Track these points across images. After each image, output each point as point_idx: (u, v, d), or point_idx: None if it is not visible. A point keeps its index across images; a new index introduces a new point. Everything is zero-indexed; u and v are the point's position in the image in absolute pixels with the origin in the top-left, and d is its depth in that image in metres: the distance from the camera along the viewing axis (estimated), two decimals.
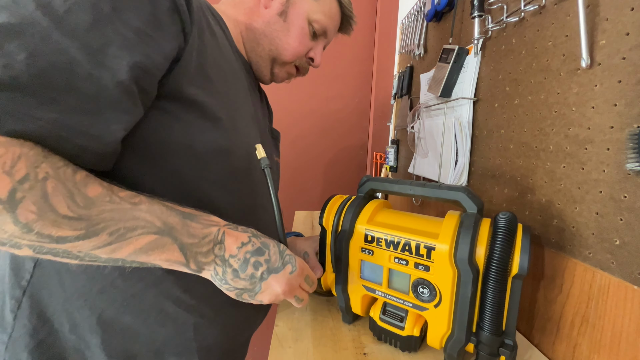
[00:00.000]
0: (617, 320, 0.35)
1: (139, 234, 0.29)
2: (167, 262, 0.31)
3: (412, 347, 0.43)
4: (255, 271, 0.34)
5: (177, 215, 0.32)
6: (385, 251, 0.43)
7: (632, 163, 0.33)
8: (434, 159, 0.77)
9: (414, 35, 0.96)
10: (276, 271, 0.36)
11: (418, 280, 0.40)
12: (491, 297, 0.36)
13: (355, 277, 0.46)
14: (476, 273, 0.36)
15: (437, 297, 0.39)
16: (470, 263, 0.36)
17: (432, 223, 0.43)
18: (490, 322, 0.36)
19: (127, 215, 0.28)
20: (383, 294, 0.45)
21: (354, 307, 0.48)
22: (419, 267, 0.40)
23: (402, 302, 0.43)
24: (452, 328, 0.39)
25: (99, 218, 0.27)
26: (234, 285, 0.34)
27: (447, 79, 0.67)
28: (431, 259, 0.39)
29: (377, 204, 0.48)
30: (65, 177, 0.26)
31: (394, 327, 0.43)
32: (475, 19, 0.59)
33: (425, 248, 0.39)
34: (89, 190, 0.27)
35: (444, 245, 0.38)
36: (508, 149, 0.53)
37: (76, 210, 0.26)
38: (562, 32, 0.43)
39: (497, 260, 0.35)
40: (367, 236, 0.44)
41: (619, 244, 0.35)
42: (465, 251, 0.36)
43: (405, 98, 1.01)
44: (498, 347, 0.37)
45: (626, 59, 0.34)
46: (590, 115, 0.39)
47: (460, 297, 0.37)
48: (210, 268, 0.34)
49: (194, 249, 0.32)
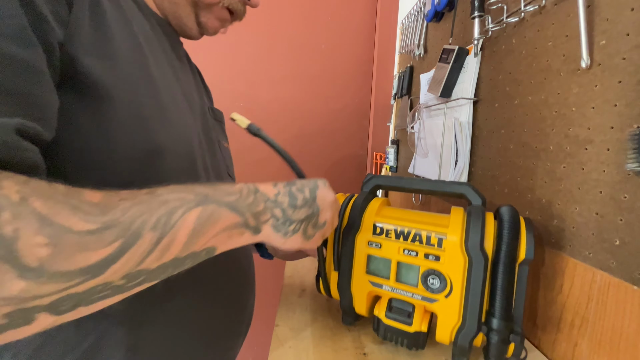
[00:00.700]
0: (617, 320, 0.35)
1: (182, 212, 0.23)
2: (225, 232, 0.26)
3: (420, 343, 0.42)
4: (303, 194, 0.33)
5: (199, 185, 0.26)
6: (394, 243, 0.43)
7: (632, 163, 0.33)
8: (434, 159, 0.77)
9: (414, 36, 0.96)
10: (316, 187, 0.35)
11: (428, 271, 0.41)
12: (500, 283, 0.38)
13: (361, 272, 0.46)
14: (487, 260, 0.38)
15: (448, 287, 0.40)
16: (481, 250, 0.38)
17: (438, 217, 0.44)
18: (501, 307, 0.37)
19: (155, 203, 0.22)
20: (390, 289, 0.44)
21: (357, 305, 0.47)
22: (430, 257, 0.41)
23: (411, 295, 0.43)
24: (462, 318, 0.39)
25: (129, 217, 0.21)
26: (298, 217, 0.32)
27: (447, 79, 0.67)
28: (442, 248, 0.40)
29: (380, 202, 0.49)
30: (46, 192, 0.18)
31: (401, 323, 0.43)
32: (475, 19, 0.59)
33: (437, 237, 0.40)
34: (87, 196, 0.20)
35: (455, 234, 0.39)
36: (508, 149, 0.53)
37: (95, 219, 0.19)
38: (562, 32, 0.43)
39: (507, 245, 0.38)
40: (376, 228, 0.44)
41: (619, 244, 0.35)
42: (477, 238, 0.38)
43: (405, 98, 1.01)
44: (509, 334, 0.38)
45: (626, 59, 0.34)
46: (590, 116, 0.39)
47: (472, 284, 0.38)
48: (267, 215, 0.30)
49: (241, 203, 0.28)
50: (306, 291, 0.60)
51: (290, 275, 0.67)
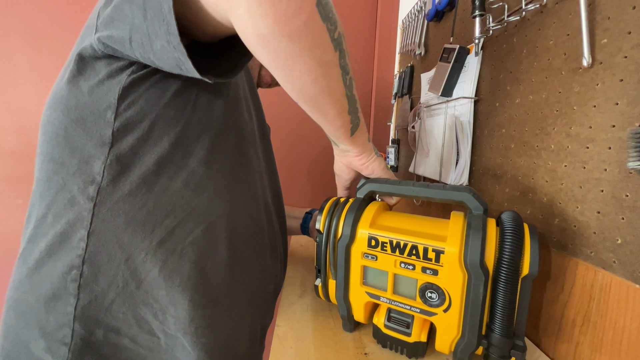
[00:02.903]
0: (618, 319, 0.35)
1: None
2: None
3: (420, 353, 0.42)
4: None
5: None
6: (390, 256, 0.41)
7: (634, 162, 0.33)
8: (435, 159, 0.76)
9: (414, 35, 0.96)
10: None
11: (426, 284, 0.39)
12: (502, 299, 0.35)
13: (358, 284, 0.44)
14: (487, 275, 0.36)
15: (447, 302, 0.38)
16: (481, 266, 0.35)
17: (437, 225, 0.42)
18: (501, 324, 0.36)
19: None
20: (388, 301, 0.43)
21: (356, 315, 0.47)
22: (427, 271, 0.39)
23: (409, 307, 0.42)
24: (462, 332, 0.38)
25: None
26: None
27: (448, 79, 0.67)
28: (440, 262, 0.38)
29: (377, 206, 0.47)
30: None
31: (400, 333, 0.42)
32: (476, 18, 0.59)
33: (434, 252, 0.38)
34: None
35: (453, 248, 0.37)
36: (509, 148, 0.53)
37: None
38: (564, 31, 0.43)
39: (508, 262, 0.35)
40: (371, 240, 0.42)
41: (621, 243, 0.35)
42: (477, 254, 0.35)
43: (405, 98, 1.01)
44: (509, 350, 0.37)
45: (628, 58, 0.34)
46: (591, 114, 0.39)
47: (471, 300, 0.36)
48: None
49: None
50: (307, 291, 0.60)
51: (291, 275, 0.67)
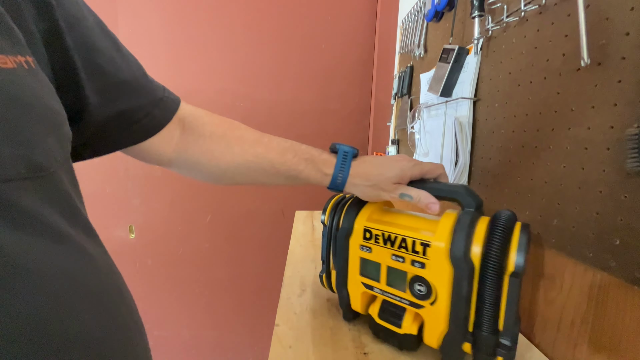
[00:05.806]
0: (617, 320, 0.35)
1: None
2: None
3: (410, 345, 0.43)
4: None
5: None
6: (383, 248, 0.43)
7: (632, 163, 0.33)
8: (434, 159, 0.77)
9: (414, 35, 0.96)
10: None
11: (415, 277, 0.41)
12: (485, 294, 0.36)
13: (355, 274, 0.47)
14: (471, 270, 0.36)
15: (434, 295, 0.39)
16: (465, 260, 0.36)
17: (430, 221, 0.44)
18: (484, 320, 0.36)
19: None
20: (381, 292, 0.45)
21: (353, 304, 0.49)
22: (415, 264, 0.40)
23: (400, 299, 0.43)
24: (449, 326, 0.39)
25: None
26: None
27: (448, 79, 0.67)
28: (427, 255, 0.39)
29: (378, 203, 0.49)
30: None
31: (391, 324, 0.44)
32: (475, 18, 0.59)
33: (422, 245, 0.39)
34: None
35: (440, 242, 0.38)
36: (508, 149, 0.53)
37: None
38: (562, 31, 0.43)
39: (491, 257, 0.35)
40: (366, 233, 0.45)
41: (619, 244, 0.35)
42: (461, 248, 0.36)
43: (405, 98, 1.01)
44: (495, 347, 0.37)
45: (626, 59, 0.34)
46: (590, 115, 0.39)
47: (456, 294, 0.37)
48: None
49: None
50: (306, 291, 0.60)
51: (291, 275, 0.67)
